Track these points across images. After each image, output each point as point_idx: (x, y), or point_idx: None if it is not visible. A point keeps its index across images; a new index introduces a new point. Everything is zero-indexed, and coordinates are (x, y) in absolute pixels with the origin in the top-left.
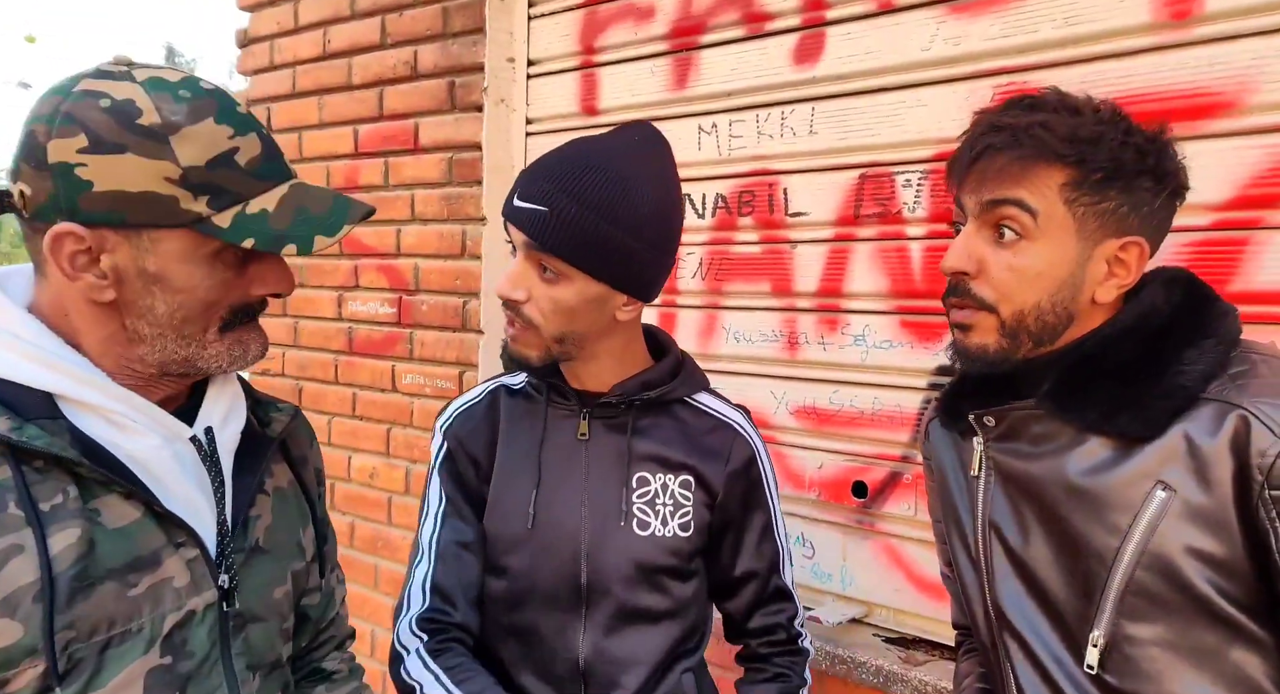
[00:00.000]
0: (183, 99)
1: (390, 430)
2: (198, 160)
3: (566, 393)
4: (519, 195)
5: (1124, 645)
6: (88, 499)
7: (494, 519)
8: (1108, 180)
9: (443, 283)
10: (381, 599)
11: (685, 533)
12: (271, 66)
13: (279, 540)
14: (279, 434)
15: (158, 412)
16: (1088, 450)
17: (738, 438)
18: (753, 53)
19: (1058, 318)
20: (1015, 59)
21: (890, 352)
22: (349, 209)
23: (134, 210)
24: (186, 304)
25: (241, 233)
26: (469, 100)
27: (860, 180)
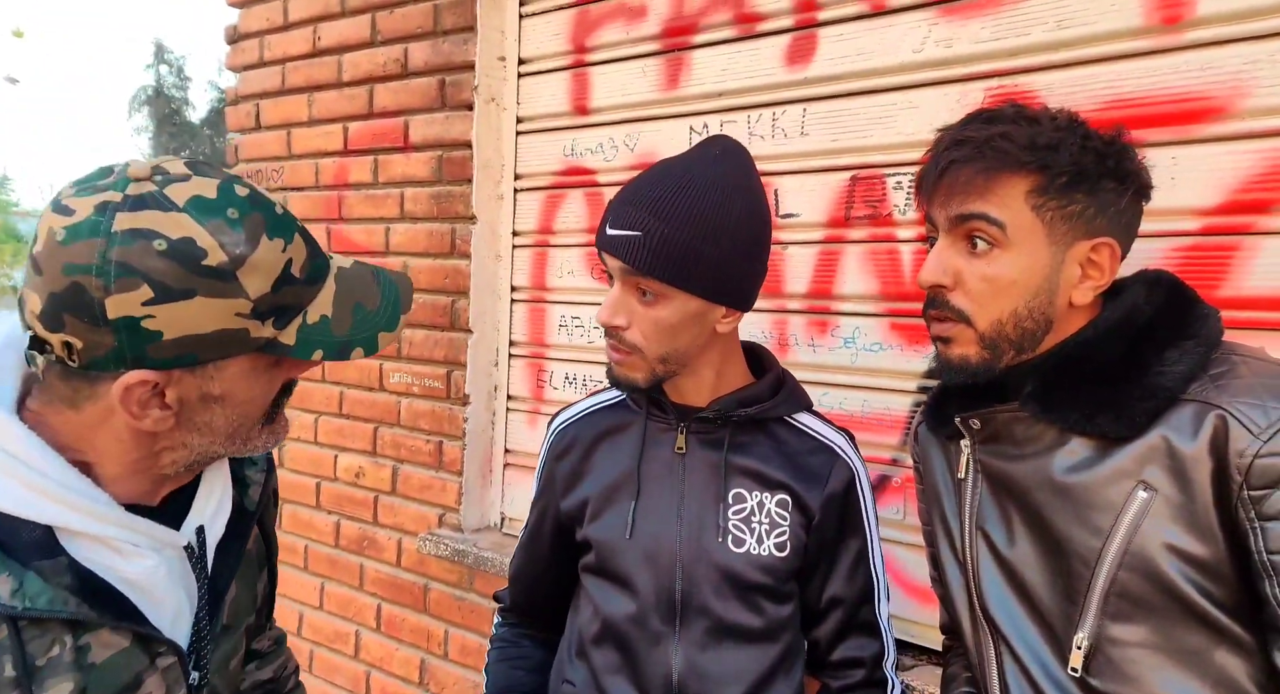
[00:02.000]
0: (235, 222)
1: (377, 429)
2: (265, 288)
3: (665, 407)
4: (611, 224)
5: (1108, 647)
6: (80, 636)
7: (597, 527)
8: (1072, 184)
9: (431, 281)
10: (367, 600)
11: (781, 553)
12: (261, 63)
13: (240, 608)
14: (258, 507)
15: (157, 529)
16: (1070, 451)
17: (838, 461)
18: (744, 53)
19: (1036, 324)
20: (1007, 62)
21: (880, 354)
22: (398, 295)
23: (206, 349)
24: (247, 413)
25: (309, 348)
26: (459, 98)
27: (851, 182)
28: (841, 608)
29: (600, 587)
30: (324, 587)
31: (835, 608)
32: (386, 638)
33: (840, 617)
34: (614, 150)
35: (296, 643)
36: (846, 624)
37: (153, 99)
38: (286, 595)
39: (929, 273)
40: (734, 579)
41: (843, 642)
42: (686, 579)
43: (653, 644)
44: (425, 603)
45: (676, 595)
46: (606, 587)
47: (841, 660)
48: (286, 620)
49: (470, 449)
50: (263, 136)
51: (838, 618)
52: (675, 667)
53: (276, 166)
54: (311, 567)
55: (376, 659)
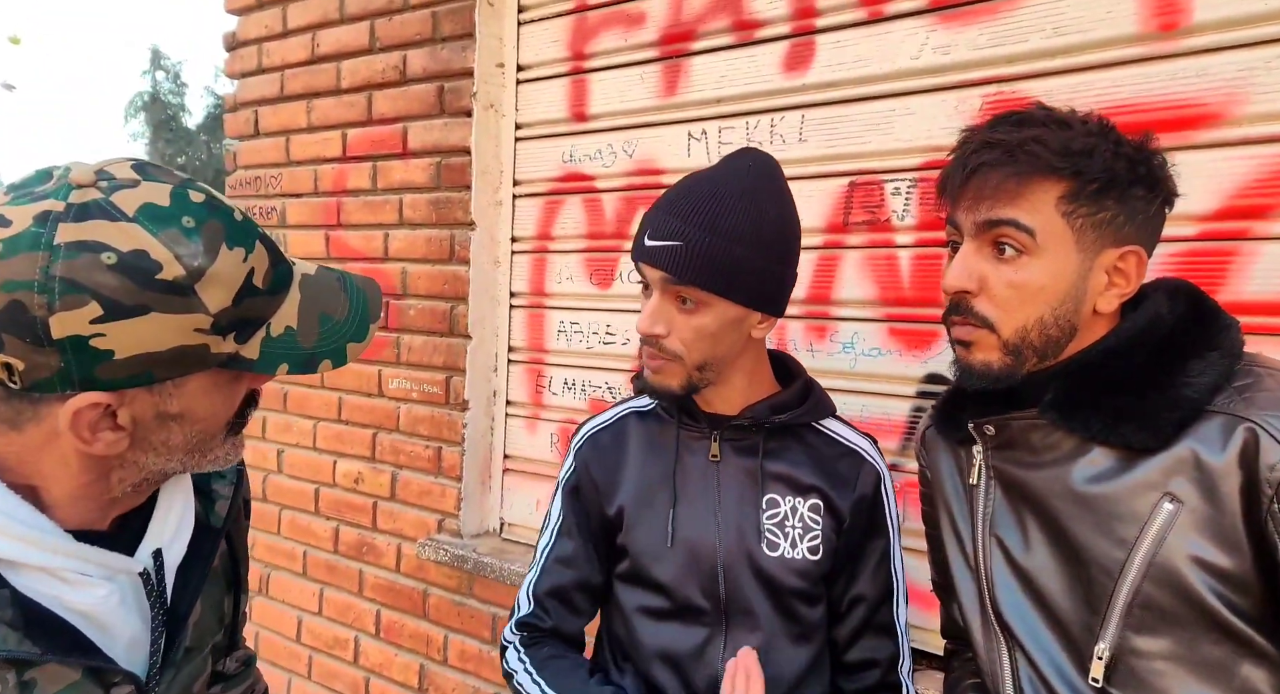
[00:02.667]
0: (191, 231)
1: (376, 435)
2: (225, 302)
3: (698, 416)
4: (650, 235)
5: (1130, 659)
6: (23, 672)
7: (635, 536)
8: (1103, 191)
9: (430, 288)
10: (365, 606)
11: (814, 556)
12: (260, 70)
13: (204, 629)
14: (224, 522)
15: (109, 557)
16: (1091, 460)
17: (865, 464)
18: (742, 60)
19: (1061, 331)
20: (1004, 68)
21: (878, 359)
22: (366, 303)
23: (162, 368)
24: (208, 429)
25: (274, 361)
26: (458, 105)
27: (849, 188)
28: (862, 607)
29: (639, 593)
30: (323, 592)
31: (856, 607)
32: (386, 644)
33: (861, 616)
34: (612, 157)
35: (295, 649)
36: (865, 624)
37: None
38: (285, 601)
39: (954, 278)
40: (771, 583)
41: (859, 641)
42: (729, 583)
43: (700, 648)
44: (425, 608)
45: (721, 599)
46: (644, 594)
47: (857, 662)
48: (285, 626)
49: (469, 455)
50: (261, 143)
51: (858, 617)
52: (723, 669)
53: (275, 173)
54: (310, 572)
55: (376, 665)
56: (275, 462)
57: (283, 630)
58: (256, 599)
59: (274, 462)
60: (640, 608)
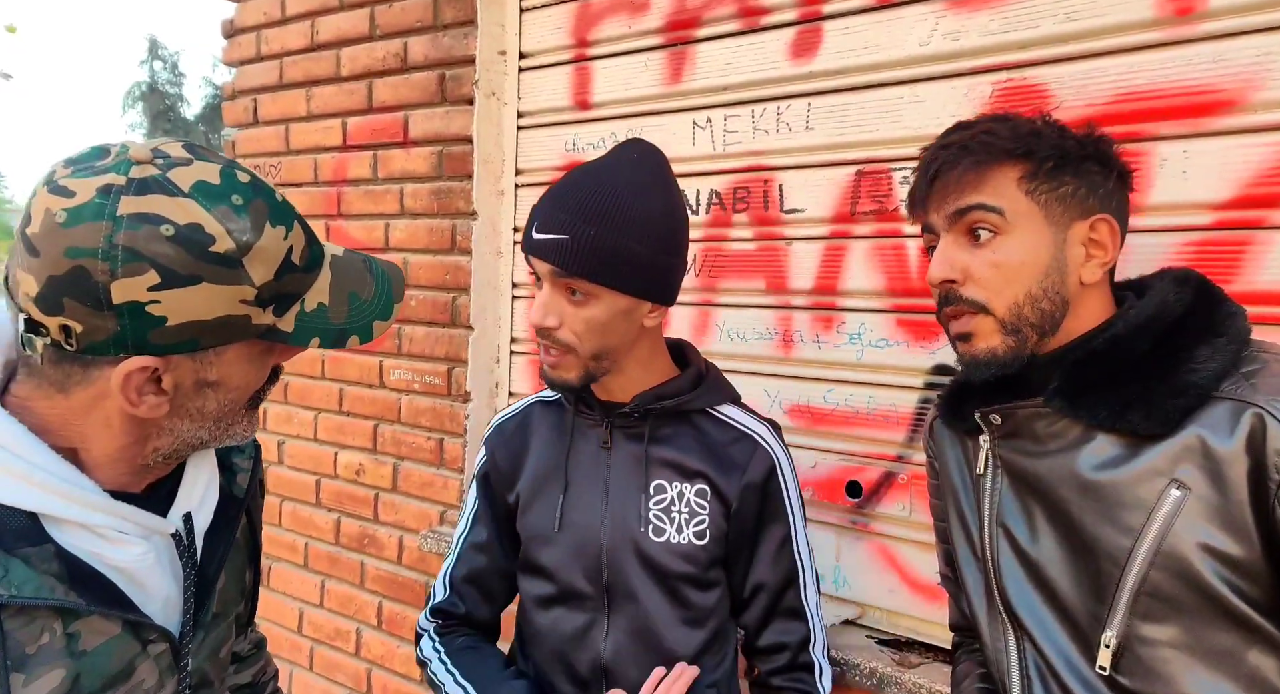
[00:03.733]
0: (240, 208)
1: (378, 427)
2: (268, 276)
3: (592, 404)
4: (537, 228)
5: (1137, 646)
6: (69, 624)
7: (527, 521)
8: (1058, 167)
9: (432, 278)
10: (367, 598)
11: (700, 541)
12: (258, 57)
13: (228, 598)
14: (245, 494)
15: (143, 515)
16: (1096, 448)
17: (758, 450)
18: (748, 47)
19: (1053, 304)
20: (1015, 55)
21: (886, 350)
22: (390, 285)
23: (208, 335)
24: (240, 398)
25: (307, 335)
26: (460, 93)
27: (857, 177)
28: (765, 593)
29: (528, 581)
30: (324, 584)
31: (759, 594)
32: (388, 635)
33: (765, 602)
34: None
35: (297, 641)
36: (771, 610)
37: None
38: (287, 593)
39: (937, 270)
40: (656, 567)
41: (768, 627)
42: (612, 568)
43: (583, 632)
44: (427, 601)
45: (604, 584)
46: (534, 580)
47: (768, 646)
48: (287, 618)
49: (472, 447)
50: (260, 132)
51: (762, 604)
52: (605, 652)
53: (274, 162)
54: (312, 564)
55: (378, 657)
56: (276, 453)
57: (284, 622)
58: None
59: (275, 453)
60: (531, 594)
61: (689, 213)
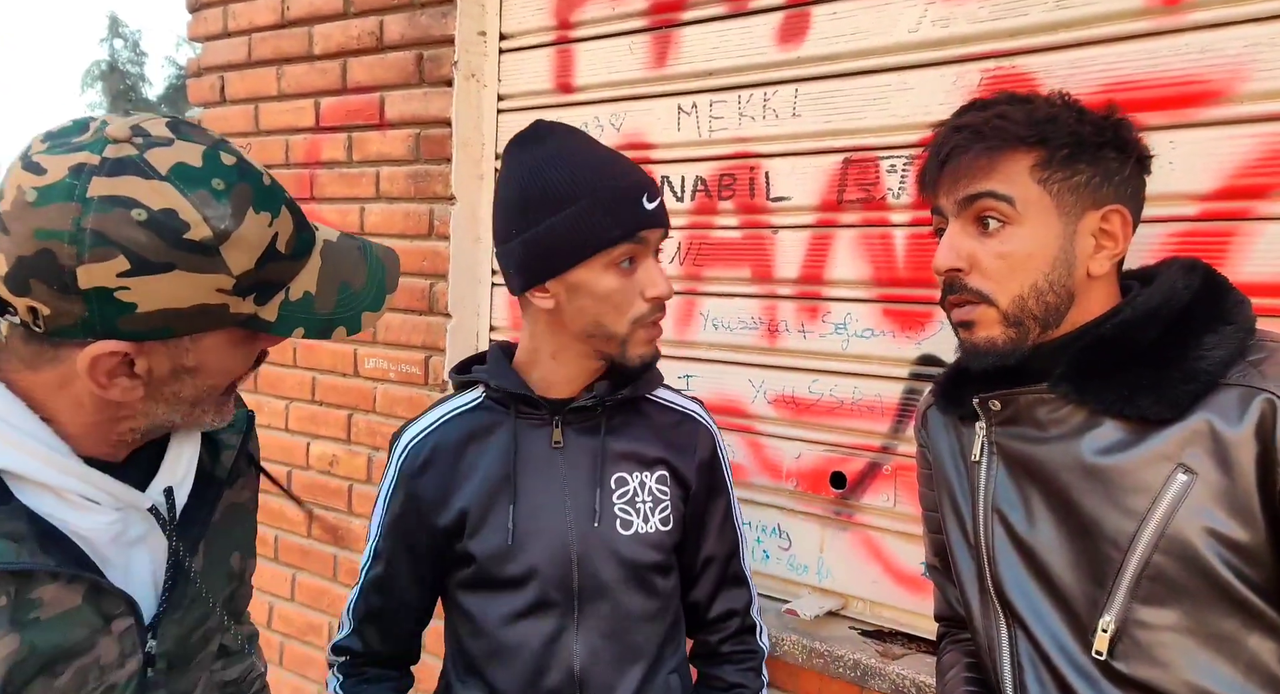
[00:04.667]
0: (220, 194)
1: (352, 416)
2: (248, 265)
3: (536, 402)
4: (649, 198)
5: (1135, 631)
6: (26, 592)
7: (480, 539)
8: (1073, 155)
9: (408, 264)
10: (340, 590)
11: (666, 527)
12: (225, 33)
13: (210, 582)
14: (228, 475)
15: (117, 486)
16: (1103, 433)
17: (701, 429)
18: (735, 31)
19: (1058, 297)
20: (1004, 43)
21: (872, 340)
22: (384, 274)
23: (182, 323)
24: (219, 384)
25: (290, 325)
26: (438, 74)
27: (844, 165)
28: (715, 565)
29: (483, 599)
30: (295, 578)
31: (710, 566)
32: None
33: (715, 574)
34: (599, 130)
35: (267, 635)
36: (721, 580)
37: (107, 74)
38: (256, 587)
39: (943, 258)
40: (627, 562)
41: (719, 596)
42: (582, 570)
43: (551, 641)
44: None
45: (574, 587)
46: (493, 597)
47: (719, 615)
48: (255, 612)
49: None
50: (228, 111)
51: (713, 576)
52: (577, 657)
53: (243, 143)
54: (282, 557)
55: None
56: None
57: (255, 617)
58: None
59: None
60: (492, 614)
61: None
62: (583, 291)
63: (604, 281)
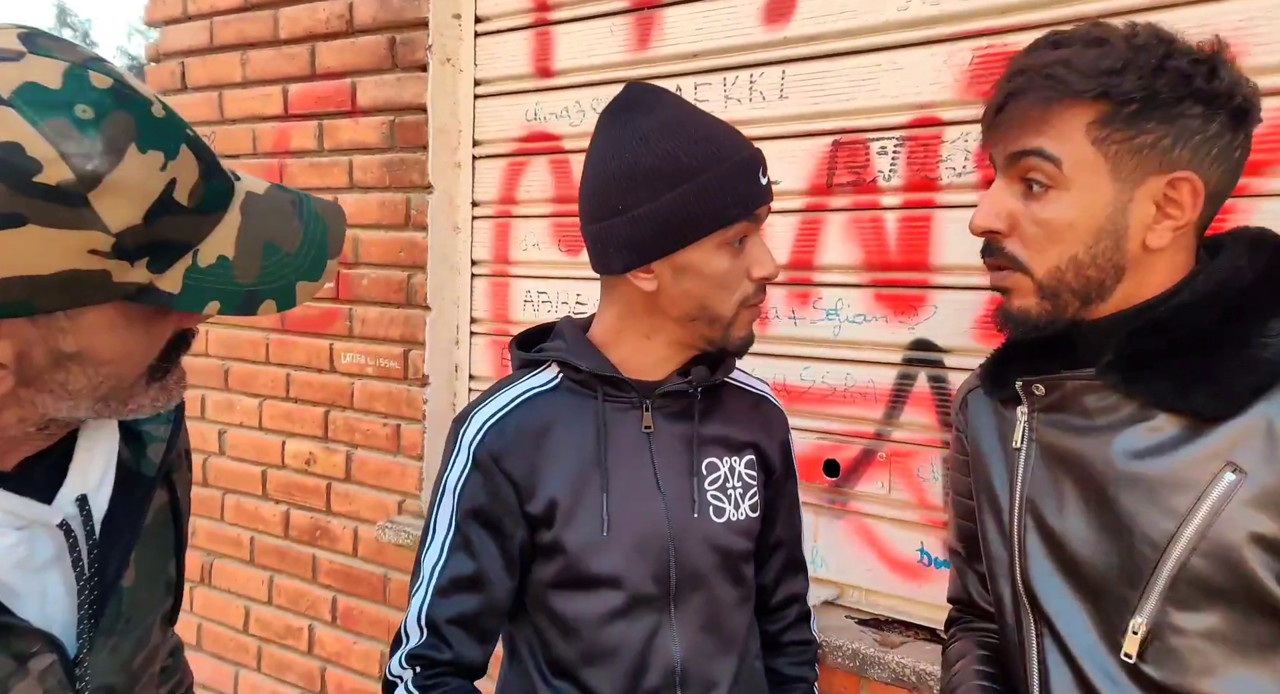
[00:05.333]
0: (87, 125)
1: (329, 413)
2: (132, 218)
3: (623, 385)
4: (763, 172)
5: (1168, 635)
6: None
7: (570, 530)
8: (1143, 111)
9: (385, 255)
10: (320, 593)
11: (755, 513)
12: (185, 17)
13: (142, 598)
14: (156, 472)
15: (17, 502)
16: (1153, 427)
17: (775, 410)
18: (720, 12)
19: (1101, 271)
20: (996, 20)
21: (864, 326)
22: (325, 234)
23: (45, 297)
24: (118, 373)
25: (199, 297)
26: (412, 59)
27: (833, 147)
28: (783, 549)
29: (575, 599)
30: (273, 579)
31: (779, 550)
32: (343, 631)
33: (782, 558)
34: (580, 115)
35: (242, 640)
36: (786, 564)
37: None
38: (231, 590)
39: (980, 216)
40: (722, 551)
41: (783, 581)
42: (679, 561)
43: (651, 638)
44: (385, 593)
45: (670, 580)
46: (585, 596)
47: (782, 600)
48: (231, 616)
49: (431, 432)
50: (190, 98)
51: (780, 560)
52: (677, 655)
53: (207, 131)
54: (259, 559)
55: (332, 654)
56: (217, 443)
57: (228, 621)
58: (197, 589)
59: (215, 443)
60: (583, 613)
61: None
62: (690, 273)
63: (715, 262)
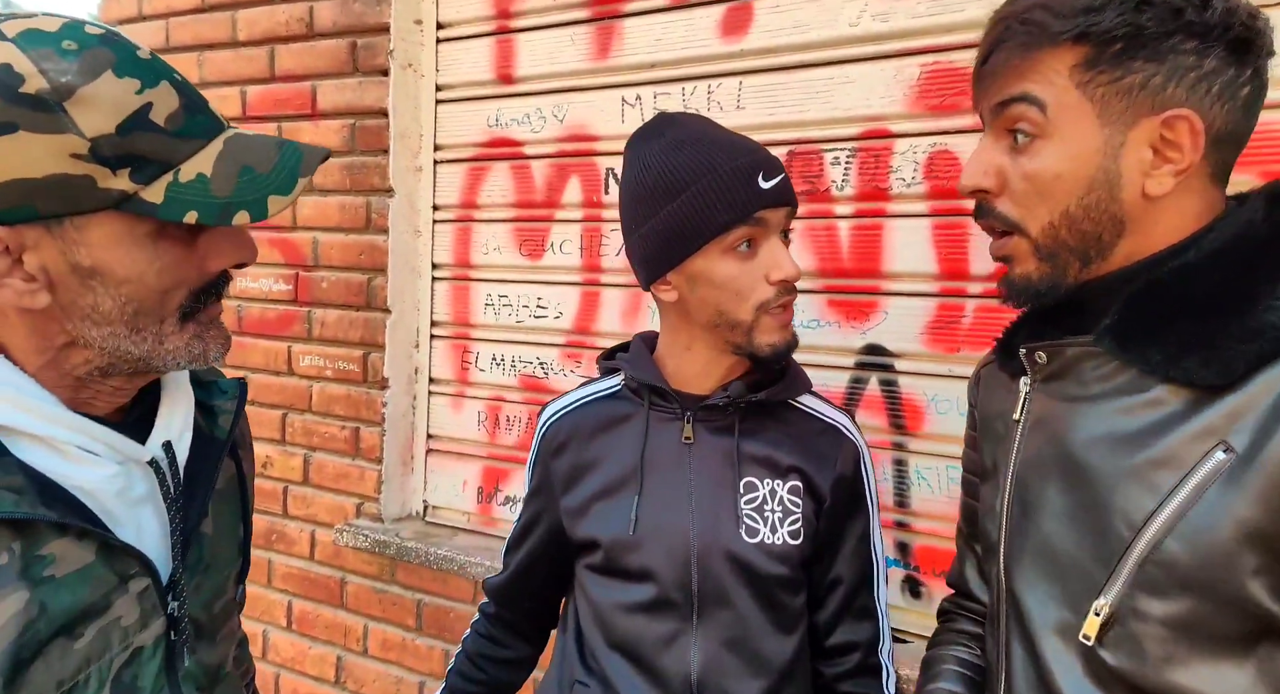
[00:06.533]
0: (69, 52)
1: (286, 416)
2: (106, 127)
3: (668, 395)
4: (765, 176)
5: (1130, 620)
6: (34, 548)
7: (603, 525)
8: (1127, 50)
9: (345, 258)
10: (276, 597)
11: (795, 540)
12: (140, 17)
13: (219, 550)
14: (229, 436)
15: (115, 437)
16: (1151, 399)
17: (845, 441)
18: (678, 23)
19: (1097, 225)
20: (942, 38)
21: (818, 331)
22: (299, 159)
23: (44, 199)
24: (137, 295)
25: (179, 207)
26: (373, 63)
27: (788, 158)
28: (841, 589)
29: (607, 585)
30: None
31: (835, 589)
32: (298, 636)
33: (840, 598)
34: (541, 121)
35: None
36: (845, 607)
37: None
38: None
39: (967, 175)
40: (751, 571)
41: (840, 625)
42: (702, 573)
43: (669, 642)
44: (342, 597)
45: (694, 590)
46: (615, 584)
47: (838, 645)
48: None
49: (390, 435)
50: None
51: (838, 600)
52: (694, 665)
53: None
54: None
55: (287, 659)
56: None
57: None
58: None
59: None
60: (607, 600)
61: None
62: (702, 280)
63: (723, 267)
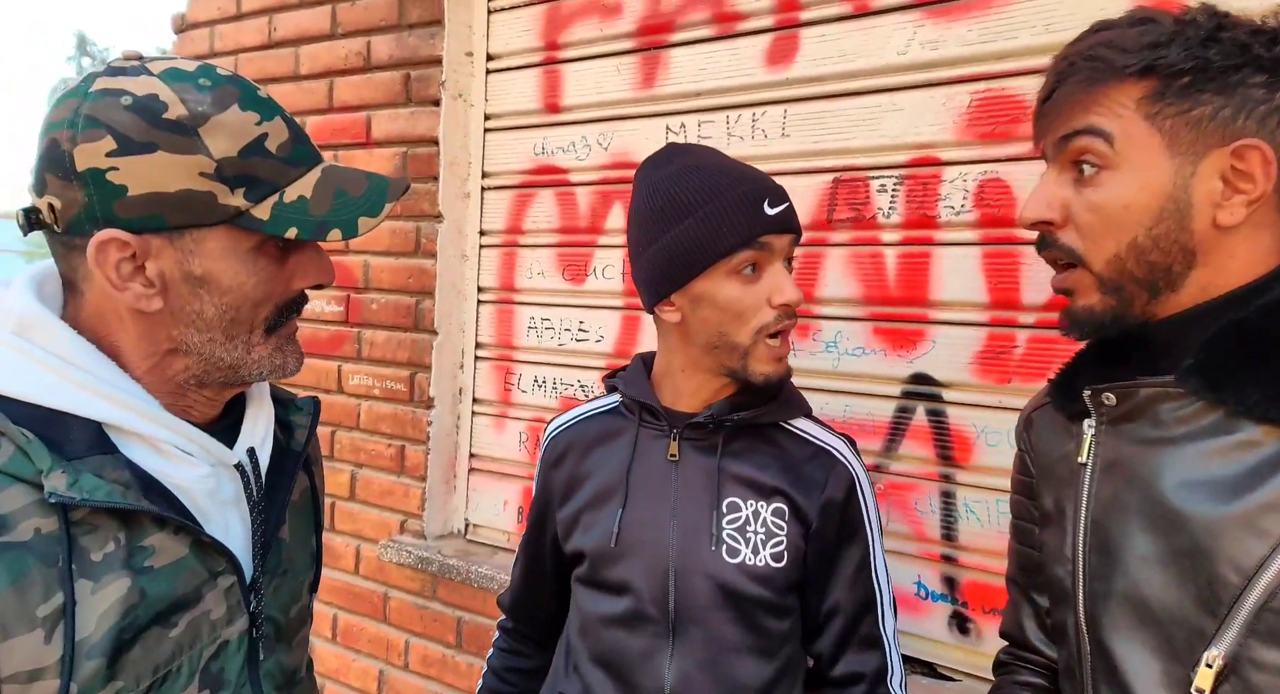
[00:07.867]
0: (204, 87)
1: (335, 433)
2: (230, 151)
3: (657, 413)
4: (771, 203)
5: (1248, 670)
6: (137, 539)
7: (588, 536)
8: (1195, 83)
9: (394, 281)
10: (322, 609)
11: (778, 563)
12: (212, 54)
13: (295, 557)
14: (304, 448)
15: (208, 439)
16: (1244, 440)
17: (836, 465)
18: (723, 53)
19: (1166, 256)
20: (993, 65)
21: (862, 359)
22: (387, 187)
23: (173, 211)
24: (235, 304)
25: (283, 223)
26: (425, 94)
27: (834, 185)
28: (841, 618)
29: (592, 597)
30: None
31: (834, 618)
32: (343, 648)
33: (840, 628)
34: (586, 149)
35: None
36: (847, 636)
37: None
38: None
39: (1030, 207)
40: (729, 591)
41: (843, 655)
42: (680, 590)
43: (646, 657)
44: (385, 612)
45: (670, 607)
46: (598, 597)
47: (842, 677)
48: None
49: (434, 454)
50: None
51: (837, 629)
52: (669, 681)
53: None
54: None
55: (331, 670)
56: None
57: None
58: None
59: None
60: (591, 612)
61: None
62: (705, 302)
63: (726, 290)
